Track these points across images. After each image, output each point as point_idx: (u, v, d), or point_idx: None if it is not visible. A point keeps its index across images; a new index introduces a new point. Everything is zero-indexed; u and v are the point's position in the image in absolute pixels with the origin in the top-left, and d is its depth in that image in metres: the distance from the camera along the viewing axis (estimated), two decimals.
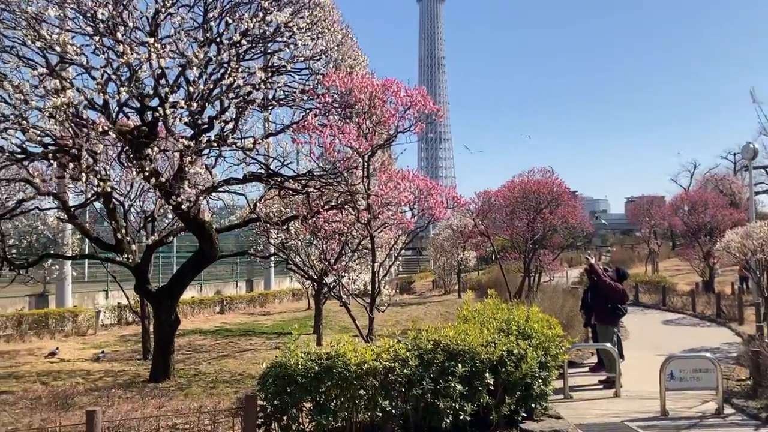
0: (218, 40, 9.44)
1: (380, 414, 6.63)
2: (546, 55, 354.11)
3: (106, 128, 8.55)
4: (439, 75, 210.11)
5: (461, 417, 6.94)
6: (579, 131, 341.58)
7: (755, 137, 47.35)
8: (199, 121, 9.84)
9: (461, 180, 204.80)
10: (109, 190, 9.55)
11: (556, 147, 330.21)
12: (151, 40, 8.53)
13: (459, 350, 7.11)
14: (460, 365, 6.98)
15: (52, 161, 8.81)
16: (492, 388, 7.22)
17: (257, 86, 9.71)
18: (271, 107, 10.71)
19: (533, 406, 7.89)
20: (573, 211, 22.61)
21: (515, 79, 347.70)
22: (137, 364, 13.41)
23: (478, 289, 20.68)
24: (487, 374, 7.15)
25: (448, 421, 6.84)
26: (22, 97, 8.26)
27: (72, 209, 11.74)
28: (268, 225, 12.42)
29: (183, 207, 9.64)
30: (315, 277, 14.75)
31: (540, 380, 7.83)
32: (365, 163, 10.96)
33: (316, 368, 6.39)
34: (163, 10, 8.86)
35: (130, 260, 10.92)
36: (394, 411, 6.71)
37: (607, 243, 77.80)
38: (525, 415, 7.76)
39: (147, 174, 9.19)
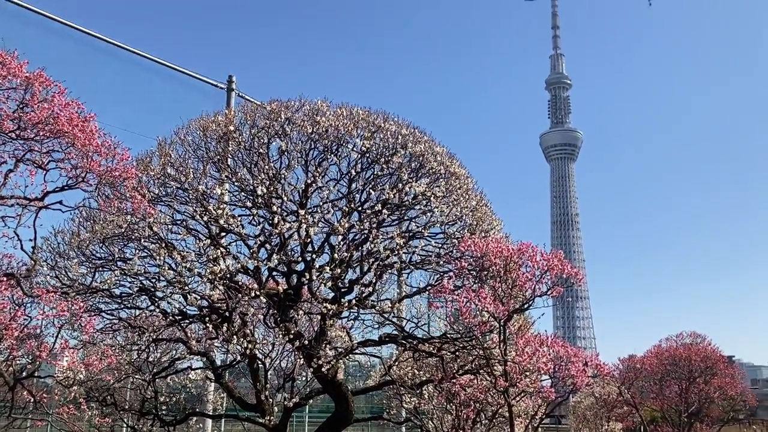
0: (360, 208, 10.10)
1: None
2: (684, 206, 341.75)
3: (257, 293, 9.19)
4: (573, 232, 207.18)
5: None
6: (732, 288, 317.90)
7: None
8: (340, 285, 10.30)
9: (600, 337, 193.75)
10: (255, 352, 10.03)
11: (706, 304, 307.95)
12: (302, 212, 9.31)
13: None
14: None
15: (207, 323, 9.49)
16: None
17: (395, 251, 10.12)
18: (408, 271, 11.03)
19: None
20: (732, 381, 20.72)
21: (656, 233, 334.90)
22: None
23: None
24: None
25: None
26: (187, 266, 9.15)
27: (219, 369, 12.32)
28: (402, 388, 12.28)
29: (323, 369, 9.86)
30: None
31: None
32: (501, 328, 10.77)
33: None
34: (313, 184, 9.71)
35: (271, 422, 11.10)
36: None
37: None
38: None
39: (291, 336, 9.61)
